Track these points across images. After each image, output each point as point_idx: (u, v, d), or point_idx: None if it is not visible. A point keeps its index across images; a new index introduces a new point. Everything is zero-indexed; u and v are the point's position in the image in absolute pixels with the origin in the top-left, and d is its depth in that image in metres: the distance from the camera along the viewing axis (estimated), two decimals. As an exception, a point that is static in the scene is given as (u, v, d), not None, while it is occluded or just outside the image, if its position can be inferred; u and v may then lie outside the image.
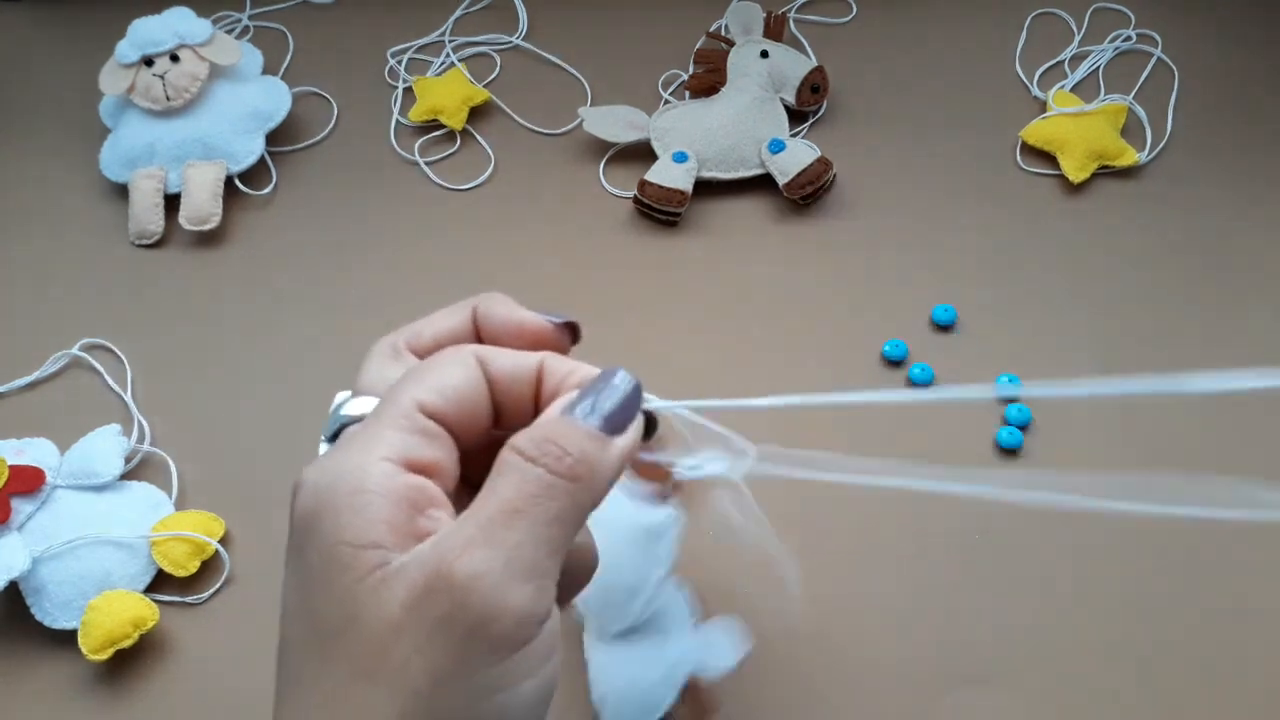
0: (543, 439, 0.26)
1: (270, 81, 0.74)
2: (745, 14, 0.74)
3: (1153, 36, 0.75)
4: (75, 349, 0.64)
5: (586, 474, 0.26)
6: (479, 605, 0.24)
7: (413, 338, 0.32)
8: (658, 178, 0.68)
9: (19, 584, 0.54)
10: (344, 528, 0.25)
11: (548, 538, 0.25)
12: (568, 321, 0.32)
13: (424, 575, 0.24)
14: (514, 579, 0.24)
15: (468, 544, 0.25)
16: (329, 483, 0.26)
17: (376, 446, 0.26)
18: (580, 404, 0.28)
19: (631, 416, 0.28)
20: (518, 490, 0.26)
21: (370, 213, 0.70)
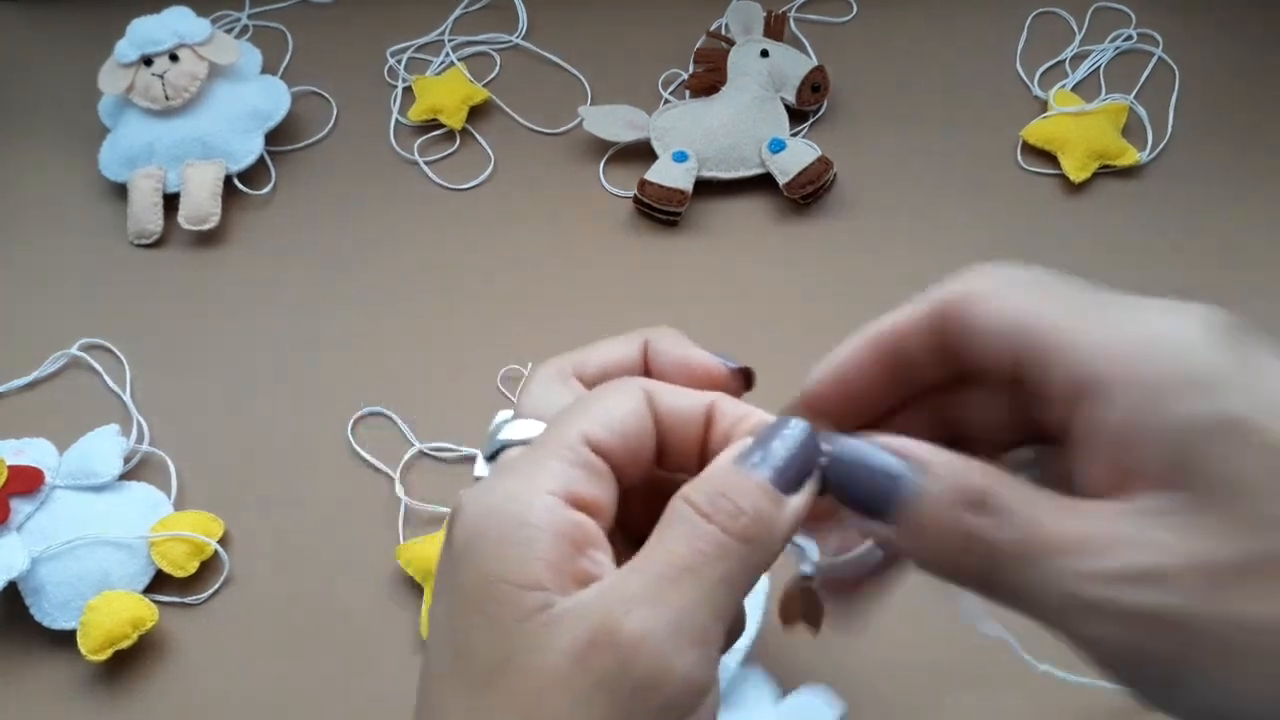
0: (717, 493, 0.25)
1: (269, 81, 0.74)
2: (745, 13, 0.74)
3: (1153, 36, 0.75)
4: (74, 349, 0.64)
5: (761, 534, 0.25)
6: (645, 667, 0.23)
7: (579, 365, 0.30)
8: (658, 177, 0.68)
9: (18, 584, 0.54)
10: (506, 560, 0.24)
11: (715, 601, 0.24)
12: (742, 367, 0.30)
13: (589, 628, 0.23)
14: (681, 642, 0.23)
15: (635, 600, 0.23)
16: (490, 511, 0.25)
17: (541, 478, 0.25)
18: (752, 454, 0.26)
19: (808, 471, 0.26)
20: (689, 546, 0.24)
21: (370, 212, 0.70)
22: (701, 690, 0.24)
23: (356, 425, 0.61)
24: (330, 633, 0.54)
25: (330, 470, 0.59)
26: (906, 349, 0.27)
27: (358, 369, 0.63)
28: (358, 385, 0.62)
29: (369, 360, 0.64)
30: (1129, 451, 0.23)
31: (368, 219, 0.70)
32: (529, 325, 0.64)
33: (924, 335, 0.27)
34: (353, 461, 0.60)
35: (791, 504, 0.25)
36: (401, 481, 0.58)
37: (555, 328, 0.64)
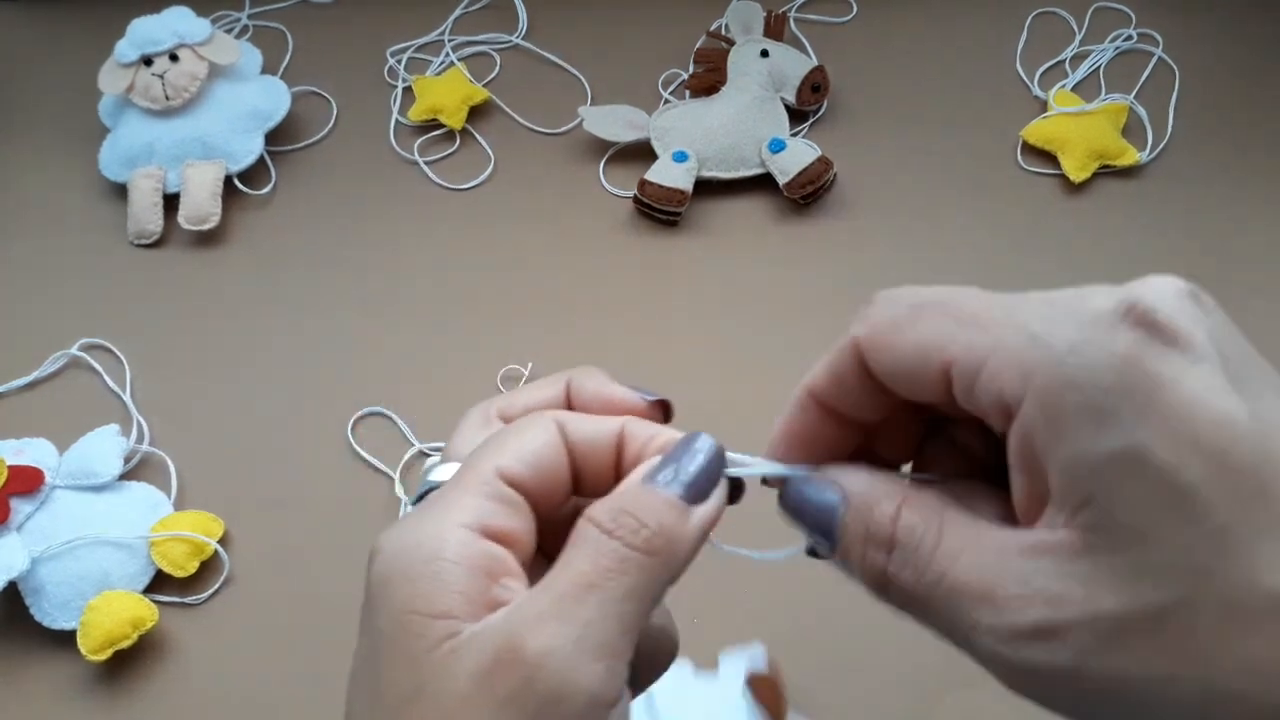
0: (620, 510, 0.25)
1: (269, 81, 0.74)
2: (745, 13, 0.74)
3: (1153, 36, 0.75)
4: (74, 349, 0.64)
5: (664, 547, 0.25)
6: (548, 682, 0.23)
7: (506, 407, 0.31)
8: (658, 177, 0.68)
9: (18, 584, 0.54)
10: (417, 596, 0.25)
11: (620, 614, 0.24)
12: (660, 399, 0.30)
13: (493, 647, 0.24)
14: (585, 656, 0.24)
15: (539, 618, 0.24)
16: (404, 549, 0.25)
17: (454, 513, 0.26)
18: (661, 471, 0.26)
19: (714, 483, 0.27)
20: (592, 564, 0.25)
21: (370, 212, 0.70)
22: (608, 703, 0.24)
23: (356, 425, 0.61)
24: (330, 633, 0.54)
25: (330, 470, 0.59)
26: (844, 395, 0.27)
27: (358, 369, 0.63)
28: (358, 385, 0.62)
29: (369, 360, 0.64)
30: (1040, 475, 0.22)
31: (368, 219, 0.70)
32: (529, 325, 0.64)
33: (851, 380, 0.26)
34: (353, 461, 0.60)
35: (698, 514, 0.26)
36: (401, 481, 0.58)
37: (555, 328, 0.64)
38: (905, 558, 0.24)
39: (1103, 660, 0.21)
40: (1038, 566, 0.22)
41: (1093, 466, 0.21)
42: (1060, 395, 0.21)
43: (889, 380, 0.25)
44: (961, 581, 0.23)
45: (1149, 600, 0.21)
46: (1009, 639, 0.22)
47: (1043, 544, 0.22)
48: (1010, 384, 0.22)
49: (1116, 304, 0.21)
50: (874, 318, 0.25)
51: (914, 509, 0.24)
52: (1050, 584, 0.22)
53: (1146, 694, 0.21)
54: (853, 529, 0.25)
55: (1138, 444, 0.20)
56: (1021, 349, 0.22)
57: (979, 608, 0.22)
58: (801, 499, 0.27)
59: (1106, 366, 0.21)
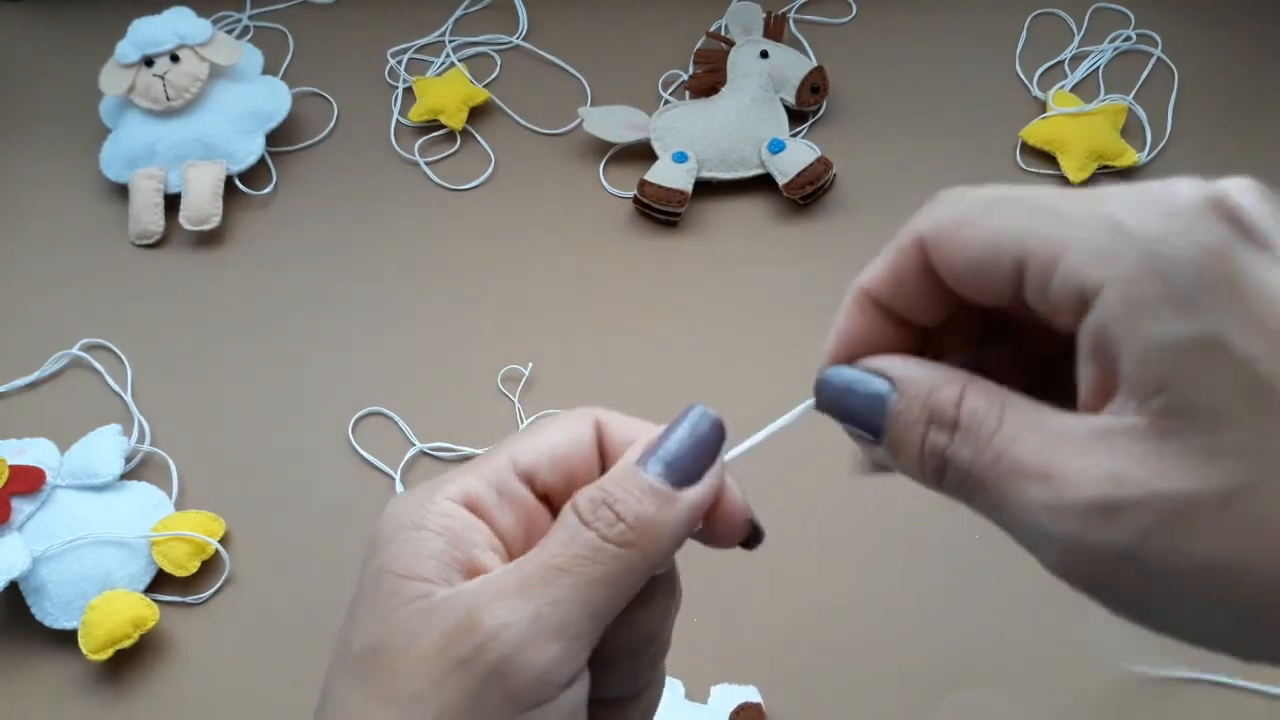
0: (600, 500, 0.25)
1: (270, 81, 0.74)
2: (745, 14, 0.74)
3: (1153, 36, 0.75)
4: (75, 349, 0.64)
5: (640, 539, 0.25)
6: (498, 654, 0.24)
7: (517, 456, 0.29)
8: (658, 178, 0.68)
9: (19, 584, 0.54)
10: (395, 558, 0.26)
11: (588, 599, 0.25)
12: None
13: (455, 614, 0.24)
14: (540, 635, 0.24)
15: (501, 593, 0.25)
16: (395, 514, 0.27)
17: (448, 487, 0.27)
18: (651, 452, 0.26)
19: (706, 463, 0.26)
20: (563, 549, 0.25)
21: (370, 213, 0.70)
22: (558, 683, 0.24)
23: (357, 425, 0.61)
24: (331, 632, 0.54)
25: (331, 470, 0.60)
26: (903, 295, 0.26)
27: (358, 369, 0.63)
28: (358, 385, 0.62)
29: (369, 360, 0.64)
30: (1112, 365, 0.22)
31: (368, 219, 0.70)
32: (529, 325, 0.65)
33: (912, 280, 0.25)
34: (353, 461, 0.60)
35: (685, 499, 0.26)
36: (402, 481, 0.58)
37: (555, 328, 0.64)
38: (966, 437, 0.23)
39: (1165, 541, 0.21)
40: (1103, 447, 0.21)
41: (1172, 352, 0.21)
42: (1144, 283, 0.21)
43: (956, 278, 0.24)
44: (1021, 459, 0.22)
45: (1219, 482, 0.20)
46: (1066, 516, 0.21)
47: (1110, 428, 0.22)
48: (1091, 273, 0.21)
49: (1205, 197, 0.21)
50: (941, 213, 0.24)
51: (977, 391, 0.24)
52: (1114, 463, 0.21)
53: (1207, 580, 0.21)
54: (908, 414, 0.24)
55: (1220, 332, 0.20)
56: (1104, 238, 0.21)
57: (1036, 485, 0.22)
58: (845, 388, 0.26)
59: (1193, 257, 0.21)
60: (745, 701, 0.50)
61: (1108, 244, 0.21)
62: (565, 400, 0.60)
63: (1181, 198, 0.21)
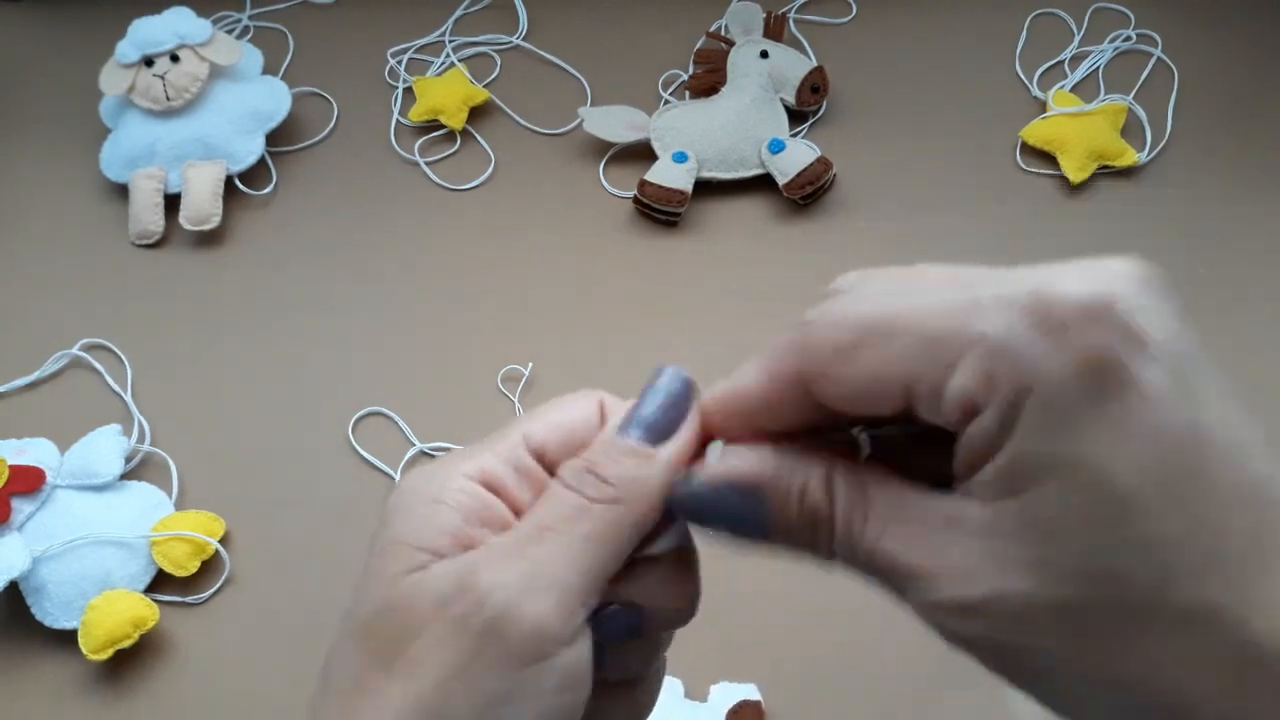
0: (583, 469, 0.27)
1: (270, 81, 0.74)
2: (745, 14, 0.74)
3: (1153, 36, 0.75)
4: (75, 349, 0.64)
5: (625, 495, 0.26)
6: (495, 608, 0.25)
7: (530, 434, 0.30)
8: (658, 178, 0.68)
9: (19, 584, 0.54)
10: (408, 529, 0.26)
11: (579, 554, 0.26)
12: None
13: (454, 576, 0.25)
14: (534, 590, 0.25)
15: (496, 554, 0.26)
16: (411, 487, 0.27)
17: (465, 463, 0.27)
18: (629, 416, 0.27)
19: (679, 418, 0.27)
20: (552, 512, 0.26)
21: (370, 213, 0.70)
22: (556, 638, 0.25)
23: (357, 425, 0.61)
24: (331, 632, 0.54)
25: (331, 470, 0.60)
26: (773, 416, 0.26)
27: (358, 369, 0.63)
28: (358, 385, 0.62)
29: (369, 360, 0.64)
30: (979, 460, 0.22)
31: (368, 219, 0.70)
32: (529, 325, 0.65)
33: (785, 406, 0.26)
34: (353, 461, 0.60)
35: (663, 454, 0.27)
36: (402, 481, 0.58)
37: (555, 328, 0.64)
38: (842, 539, 0.25)
39: (1014, 638, 0.22)
40: (954, 541, 0.23)
41: (1032, 467, 0.21)
42: (1020, 401, 0.21)
43: (838, 405, 0.24)
44: (889, 557, 0.24)
45: (1055, 592, 0.21)
46: (932, 610, 0.23)
47: (961, 517, 0.23)
48: (975, 398, 0.22)
49: (1089, 300, 0.21)
50: (815, 346, 0.24)
51: (841, 483, 0.25)
52: (964, 560, 0.22)
53: (1059, 673, 0.22)
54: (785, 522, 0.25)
55: (1082, 451, 0.21)
56: (983, 361, 0.22)
57: (905, 580, 0.23)
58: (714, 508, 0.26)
59: (1069, 372, 0.21)
60: (744, 699, 0.50)
61: (988, 365, 0.21)
62: (565, 400, 0.60)
63: (1067, 304, 0.21)
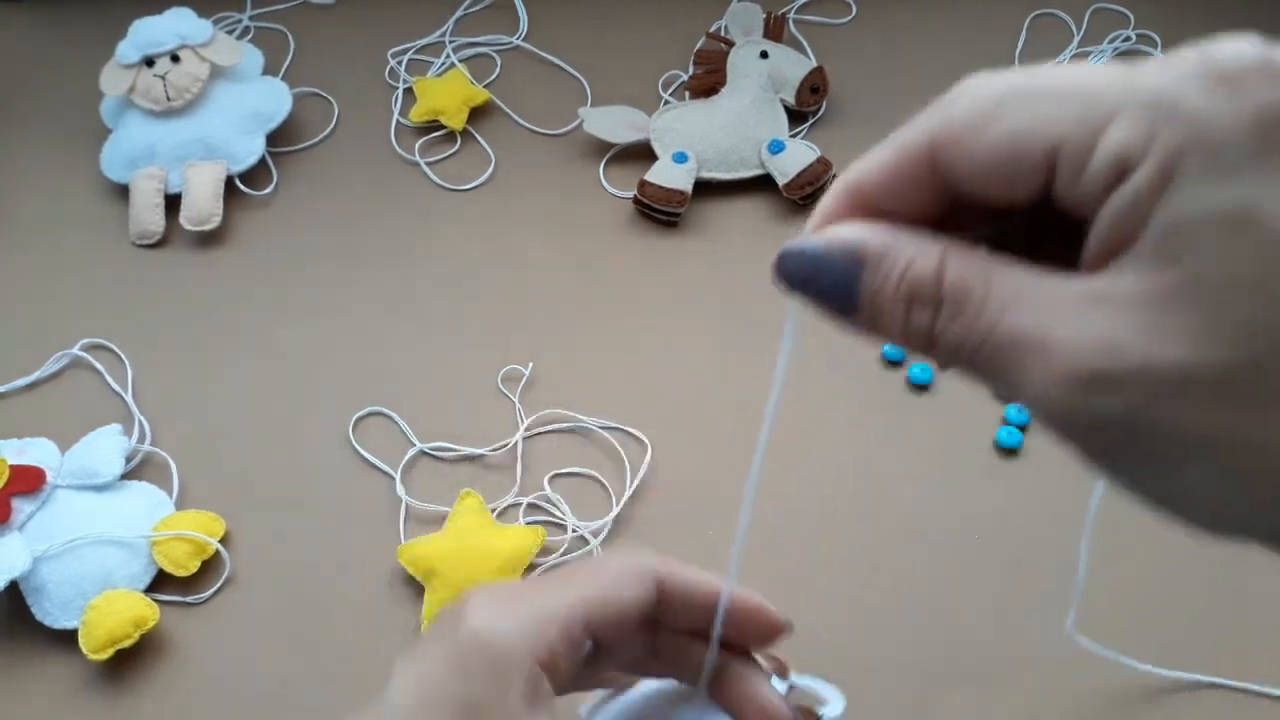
0: None
1: (271, 82, 0.74)
2: (745, 14, 0.74)
3: (1152, 37, 0.75)
4: (76, 349, 0.64)
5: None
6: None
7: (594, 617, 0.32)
8: (658, 178, 0.68)
9: (19, 584, 0.54)
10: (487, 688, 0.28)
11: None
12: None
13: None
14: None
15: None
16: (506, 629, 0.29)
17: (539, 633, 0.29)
18: None
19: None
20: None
21: (371, 213, 0.71)
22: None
23: (357, 425, 0.61)
24: (331, 632, 0.54)
25: (331, 470, 0.60)
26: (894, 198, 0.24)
27: (358, 369, 0.63)
28: (358, 385, 0.62)
29: (369, 360, 0.64)
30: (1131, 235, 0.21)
31: (369, 220, 0.70)
32: (529, 325, 0.65)
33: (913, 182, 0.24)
34: (354, 461, 0.60)
35: None
36: (402, 481, 0.58)
37: (555, 328, 0.64)
38: (953, 313, 0.22)
39: (1161, 413, 0.20)
40: (1100, 312, 0.20)
41: (1199, 222, 0.20)
42: (1186, 154, 0.20)
43: (972, 178, 0.23)
44: (1014, 331, 0.21)
45: (1220, 356, 0.20)
46: (1062, 387, 0.21)
47: (1109, 292, 0.21)
48: (1133, 149, 0.20)
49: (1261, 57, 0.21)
50: (953, 113, 0.23)
51: (957, 260, 0.22)
52: (1112, 331, 0.20)
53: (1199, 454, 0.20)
54: (885, 291, 0.23)
55: (1255, 202, 0.19)
56: (1146, 113, 0.20)
57: (1031, 355, 0.21)
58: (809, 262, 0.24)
59: (1236, 125, 0.20)
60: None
61: (1150, 117, 0.20)
62: (565, 400, 0.60)
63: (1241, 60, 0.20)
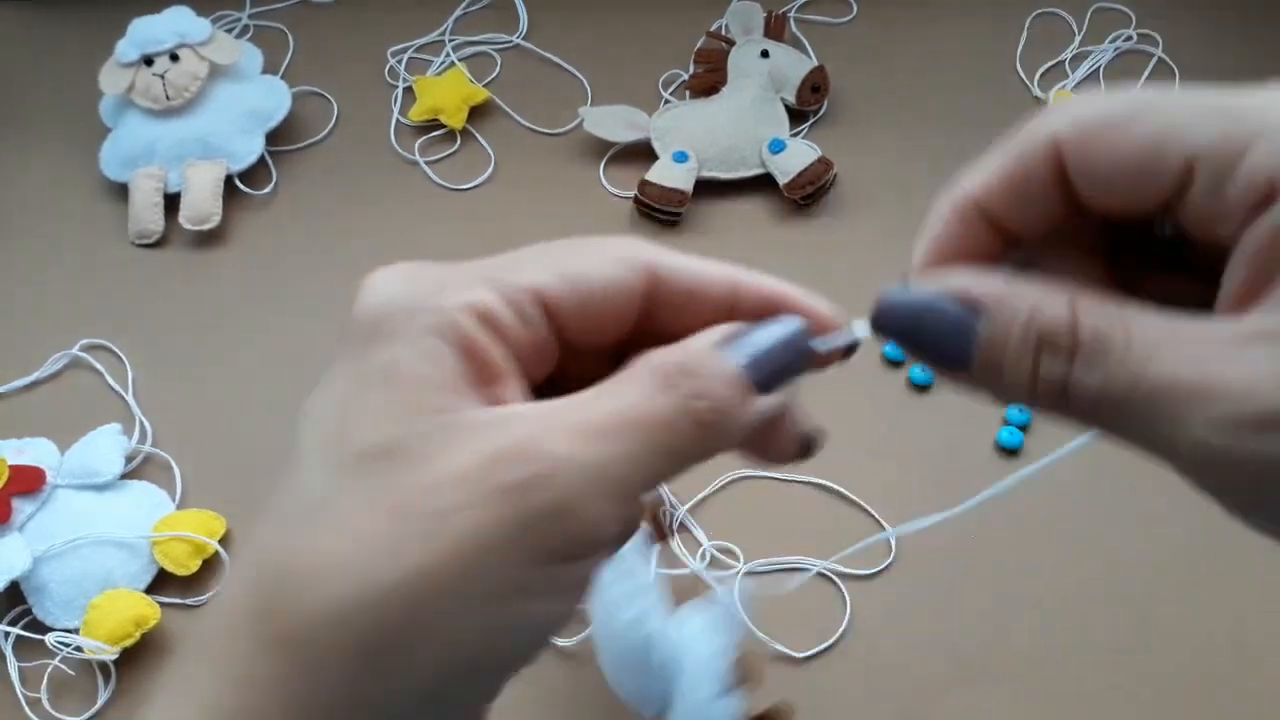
0: (687, 368, 0.22)
1: (270, 81, 0.74)
2: (745, 14, 0.74)
3: (1153, 36, 0.75)
4: (75, 349, 0.64)
5: (717, 424, 0.22)
6: (555, 493, 0.21)
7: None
8: (658, 178, 0.68)
9: (20, 583, 0.54)
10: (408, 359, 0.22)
11: (651, 466, 0.22)
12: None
13: (509, 439, 0.21)
14: (601, 489, 0.21)
15: (569, 430, 0.21)
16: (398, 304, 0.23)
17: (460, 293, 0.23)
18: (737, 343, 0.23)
19: (784, 379, 0.24)
20: (645, 407, 0.22)
21: (370, 212, 0.70)
22: (603, 547, 0.22)
23: (357, 425, 0.61)
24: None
25: (331, 470, 0.59)
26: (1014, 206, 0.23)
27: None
28: (359, 385, 0.62)
29: (370, 360, 0.64)
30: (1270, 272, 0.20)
31: (368, 219, 0.70)
32: (530, 325, 0.64)
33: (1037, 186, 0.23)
34: (354, 461, 0.60)
35: (757, 405, 0.23)
36: (402, 481, 0.58)
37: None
38: (1092, 361, 0.21)
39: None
40: (1262, 350, 0.19)
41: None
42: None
43: (1100, 183, 0.22)
44: (1166, 377, 0.20)
45: None
46: (1226, 430, 0.19)
47: (1265, 329, 0.20)
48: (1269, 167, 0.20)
49: None
50: (1080, 114, 0.22)
51: (1090, 305, 0.21)
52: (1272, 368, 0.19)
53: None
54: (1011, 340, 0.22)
55: None
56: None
57: (1189, 402, 0.20)
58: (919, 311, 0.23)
59: None
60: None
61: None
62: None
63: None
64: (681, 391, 0.22)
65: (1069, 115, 0.22)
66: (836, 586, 0.53)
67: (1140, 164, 0.21)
